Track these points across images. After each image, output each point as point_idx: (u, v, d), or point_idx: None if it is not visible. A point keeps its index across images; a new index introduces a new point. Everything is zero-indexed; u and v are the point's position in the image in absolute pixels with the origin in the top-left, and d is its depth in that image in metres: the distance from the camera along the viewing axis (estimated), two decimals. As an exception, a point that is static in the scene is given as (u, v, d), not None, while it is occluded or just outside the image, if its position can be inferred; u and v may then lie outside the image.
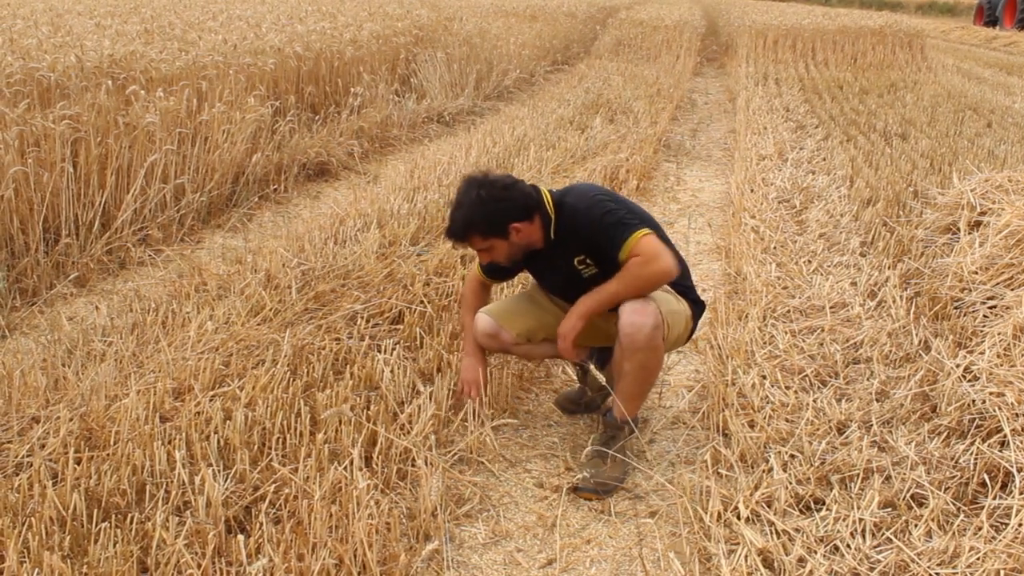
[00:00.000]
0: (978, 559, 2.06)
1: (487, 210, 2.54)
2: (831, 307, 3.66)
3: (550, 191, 2.69)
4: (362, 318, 3.23)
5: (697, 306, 2.74)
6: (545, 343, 2.81)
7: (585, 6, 16.95)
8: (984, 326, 3.16)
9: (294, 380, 2.74)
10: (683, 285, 2.71)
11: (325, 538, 2.07)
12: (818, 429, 2.73)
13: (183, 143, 4.88)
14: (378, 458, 2.49)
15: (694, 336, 2.89)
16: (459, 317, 3.00)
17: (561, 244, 2.62)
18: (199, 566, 1.97)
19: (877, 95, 9.84)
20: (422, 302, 3.38)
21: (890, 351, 3.25)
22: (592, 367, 2.57)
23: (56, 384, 2.76)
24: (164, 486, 2.23)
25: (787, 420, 2.80)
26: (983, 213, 4.06)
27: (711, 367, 3.21)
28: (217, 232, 4.77)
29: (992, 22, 23.86)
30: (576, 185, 2.76)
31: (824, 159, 6.53)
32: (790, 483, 2.43)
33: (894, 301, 3.66)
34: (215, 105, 5.26)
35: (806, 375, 3.10)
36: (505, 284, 3.35)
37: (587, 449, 2.63)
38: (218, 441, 2.40)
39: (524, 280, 3.25)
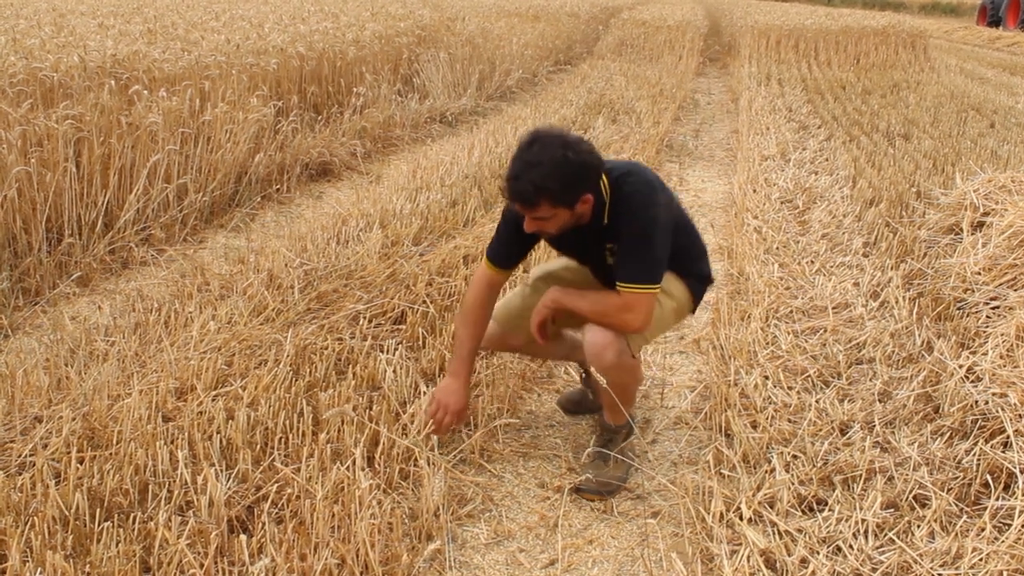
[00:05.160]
0: (981, 560, 2.05)
1: (570, 176, 2.24)
2: (834, 308, 3.66)
3: (605, 167, 2.41)
4: (364, 318, 3.24)
5: (701, 283, 2.64)
6: (556, 341, 2.74)
7: (588, 6, 16.94)
8: (987, 327, 3.16)
9: (296, 380, 2.74)
10: (689, 267, 2.59)
11: (327, 538, 2.07)
12: (820, 430, 2.73)
13: (186, 143, 4.89)
14: (380, 458, 2.49)
15: (698, 307, 2.74)
16: (454, 329, 2.71)
17: (607, 230, 2.41)
18: (201, 566, 1.97)
19: (880, 95, 9.83)
20: (424, 302, 3.38)
21: (893, 352, 3.25)
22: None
23: (59, 384, 2.76)
24: (166, 486, 2.23)
25: (789, 420, 2.80)
26: (986, 214, 4.06)
27: (713, 367, 3.21)
28: (220, 232, 4.78)
29: (995, 22, 23.82)
30: (637, 174, 2.42)
31: (827, 159, 6.52)
32: (792, 484, 2.43)
33: (897, 302, 3.65)
34: (218, 105, 5.27)
35: (808, 375, 3.10)
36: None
37: (588, 450, 2.62)
38: (220, 441, 2.40)
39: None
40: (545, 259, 3.53)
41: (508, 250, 2.59)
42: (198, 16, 9.19)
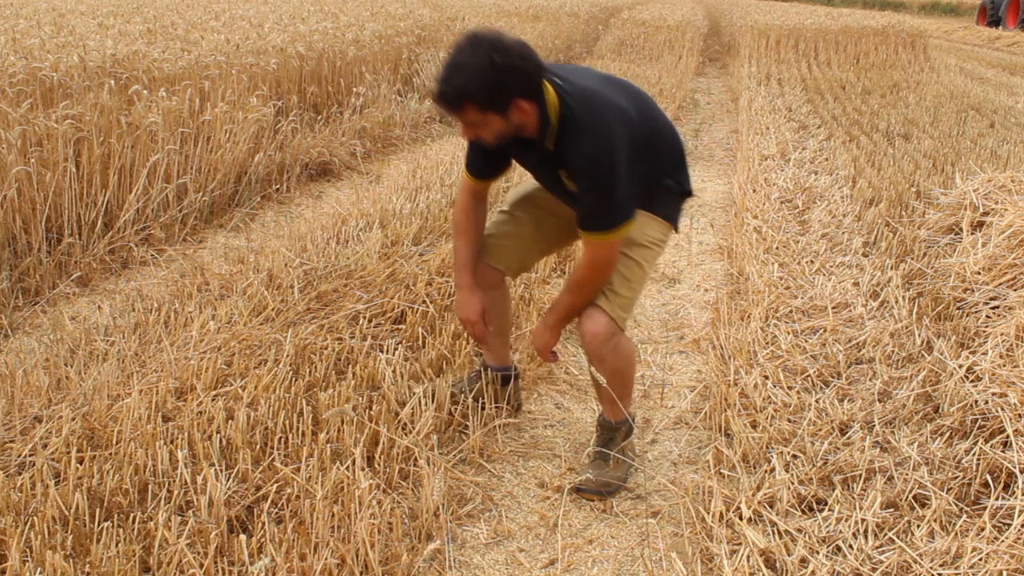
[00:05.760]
0: (980, 560, 2.06)
1: (496, 80, 2.11)
2: (833, 307, 3.66)
3: (553, 81, 2.25)
4: (364, 318, 3.24)
5: (679, 198, 2.57)
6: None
7: (587, 6, 16.95)
8: (987, 326, 3.16)
9: (296, 380, 2.74)
10: (662, 182, 2.51)
11: (327, 538, 2.07)
12: (820, 429, 2.73)
13: (186, 143, 4.89)
14: (380, 458, 2.49)
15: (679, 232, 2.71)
16: (453, 243, 2.65)
17: (555, 156, 2.31)
18: (201, 566, 1.97)
19: (880, 95, 9.83)
20: (424, 302, 3.38)
21: (892, 351, 3.25)
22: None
23: (58, 383, 2.76)
24: (166, 486, 2.23)
25: (789, 420, 2.80)
26: (986, 213, 4.06)
27: (713, 367, 3.21)
28: (219, 232, 4.78)
29: (995, 22, 23.83)
30: (590, 106, 2.25)
31: (827, 159, 6.52)
32: (792, 483, 2.43)
33: (896, 301, 3.65)
34: (218, 105, 5.27)
35: (808, 375, 3.10)
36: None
37: (588, 449, 2.63)
38: (220, 441, 2.40)
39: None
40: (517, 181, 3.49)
41: (479, 163, 2.56)
42: (198, 16, 9.19)
